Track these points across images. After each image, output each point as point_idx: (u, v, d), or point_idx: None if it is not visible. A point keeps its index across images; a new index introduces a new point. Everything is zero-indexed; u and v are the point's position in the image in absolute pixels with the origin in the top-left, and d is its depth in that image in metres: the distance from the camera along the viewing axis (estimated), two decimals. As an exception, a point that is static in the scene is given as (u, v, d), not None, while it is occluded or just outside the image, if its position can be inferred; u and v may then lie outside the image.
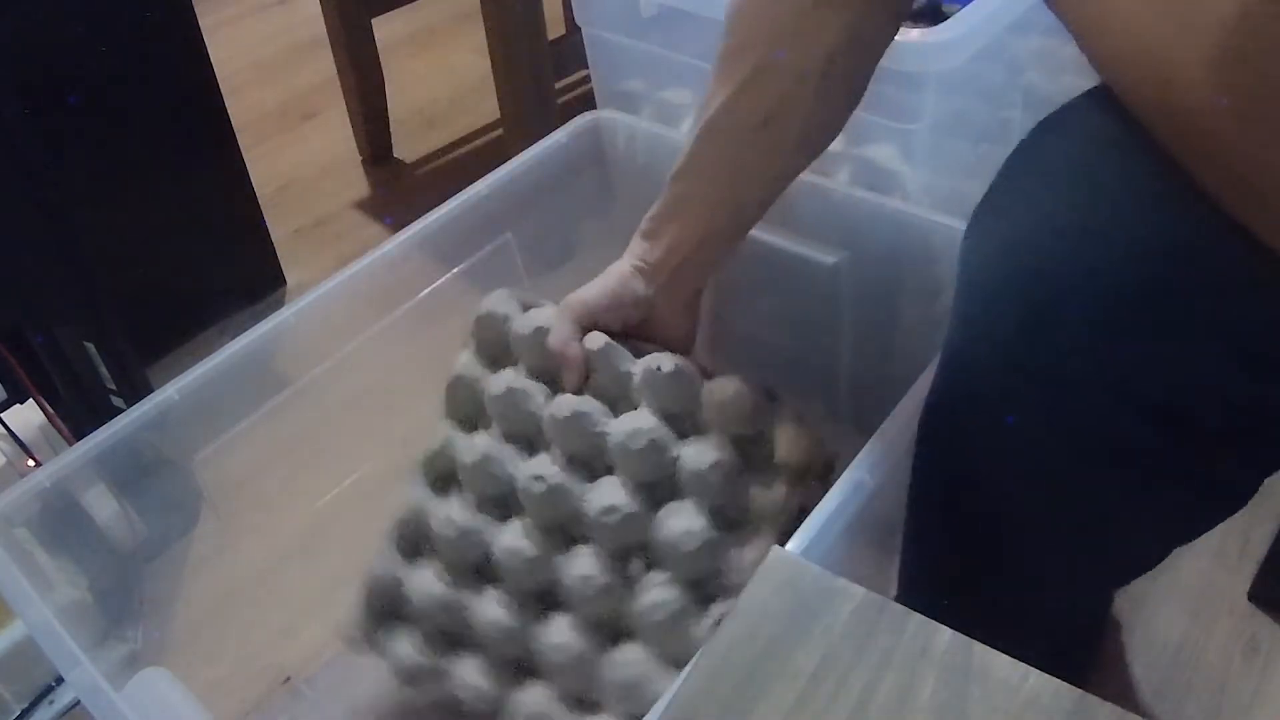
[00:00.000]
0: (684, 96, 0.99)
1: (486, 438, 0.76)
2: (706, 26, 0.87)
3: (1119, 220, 0.47)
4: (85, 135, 1.07)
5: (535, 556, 0.72)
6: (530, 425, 0.75)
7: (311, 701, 0.86)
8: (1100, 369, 0.47)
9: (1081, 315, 0.47)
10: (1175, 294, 0.46)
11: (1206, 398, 0.47)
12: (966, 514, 0.59)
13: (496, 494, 0.75)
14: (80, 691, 0.59)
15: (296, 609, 0.83)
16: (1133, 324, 0.46)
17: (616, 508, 0.69)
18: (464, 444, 0.77)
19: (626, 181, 0.98)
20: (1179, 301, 0.46)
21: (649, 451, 0.70)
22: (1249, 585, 0.85)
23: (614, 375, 0.72)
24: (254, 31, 1.96)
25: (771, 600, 0.43)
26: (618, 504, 0.69)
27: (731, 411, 0.69)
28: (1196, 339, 0.46)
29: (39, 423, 0.85)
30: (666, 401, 0.71)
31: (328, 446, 0.85)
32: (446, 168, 1.56)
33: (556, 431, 0.73)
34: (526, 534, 0.73)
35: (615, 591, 0.70)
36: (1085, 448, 0.50)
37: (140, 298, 1.06)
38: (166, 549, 0.80)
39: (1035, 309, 0.48)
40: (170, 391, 0.73)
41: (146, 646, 0.75)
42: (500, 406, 0.76)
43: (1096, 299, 0.47)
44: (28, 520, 0.69)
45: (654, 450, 0.70)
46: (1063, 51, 0.84)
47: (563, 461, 0.73)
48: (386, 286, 0.84)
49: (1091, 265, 0.47)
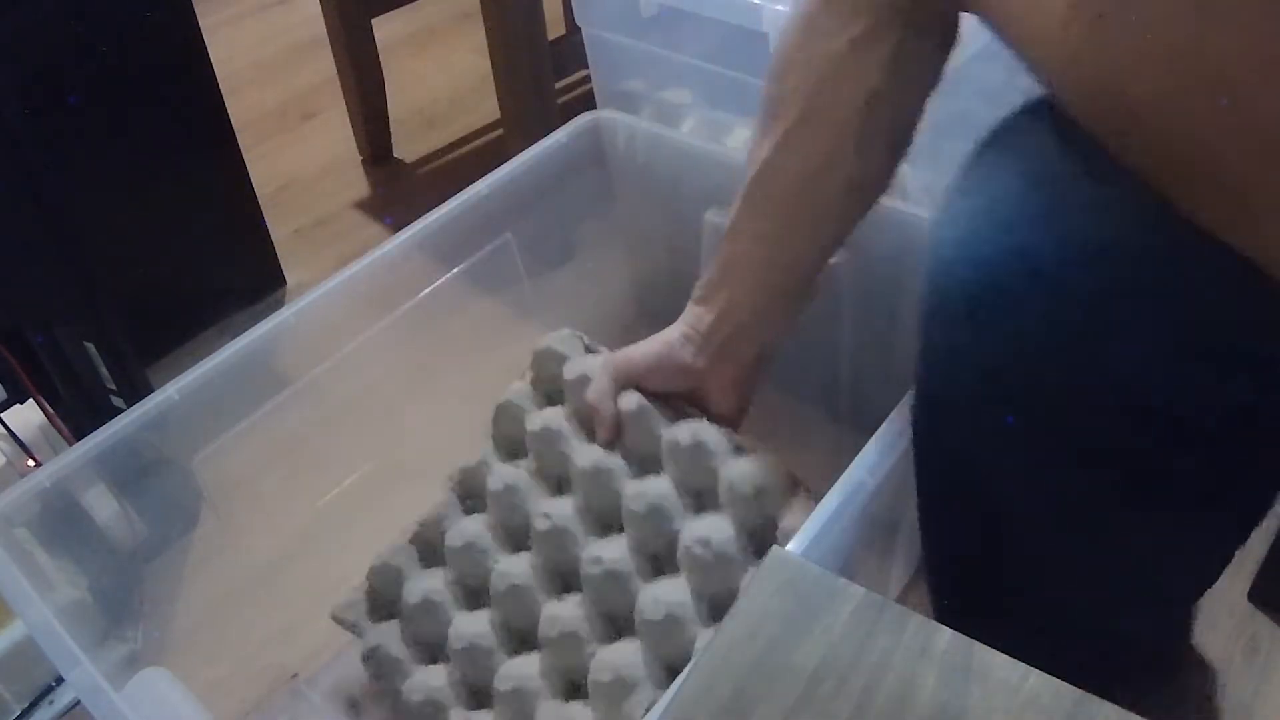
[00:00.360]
0: (684, 96, 0.99)
1: (516, 469, 0.78)
2: (706, 26, 0.87)
3: (1075, 221, 0.47)
4: (85, 135, 1.07)
5: (526, 589, 0.73)
6: (561, 466, 0.76)
7: (312, 702, 0.86)
8: (1071, 369, 0.48)
9: (1042, 316, 0.47)
10: (1130, 294, 0.46)
11: (1176, 396, 0.47)
12: (966, 506, 0.59)
13: (513, 525, 0.77)
14: (80, 691, 0.59)
15: (296, 609, 0.83)
16: (1091, 324, 0.47)
17: (601, 560, 0.70)
18: (496, 469, 0.78)
19: (626, 181, 0.98)
20: (1135, 301, 0.46)
21: (650, 517, 0.70)
22: (1249, 586, 0.85)
23: (647, 437, 0.72)
24: (254, 31, 1.96)
25: (771, 600, 0.43)
26: (604, 558, 0.70)
27: (739, 494, 0.68)
28: (1153, 337, 0.46)
29: (39, 423, 0.85)
30: (686, 472, 0.71)
31: (328, 446, 0.85)
32: (446, 168, 1.56)
33: (580, 479, 0.74)
34: (527, 566, 0.74)
35: (587, 645, 0.70)
36: (1057, 445, 0.51)
37: (140, 298, 1.06)
38: (166, 549, 0.80)
39: (992, 308, 0.49)
40: (170, 391, 0.73)
41: (146, 646, 0.75)
42: (536, 443, 0.77)
43: (1056, 299, 0.47)
44: (28, 520, 0.69)
45: (656, 517, 0.70)
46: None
47: (580, 508, 0.74)
48: (386, 286, 0.84)
49: (1047, 266, 0.47)
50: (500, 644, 0.74)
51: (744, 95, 0.91)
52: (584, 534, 0.73)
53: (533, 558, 0.74)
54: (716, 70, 0.91)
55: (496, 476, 0.77)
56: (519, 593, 0.73)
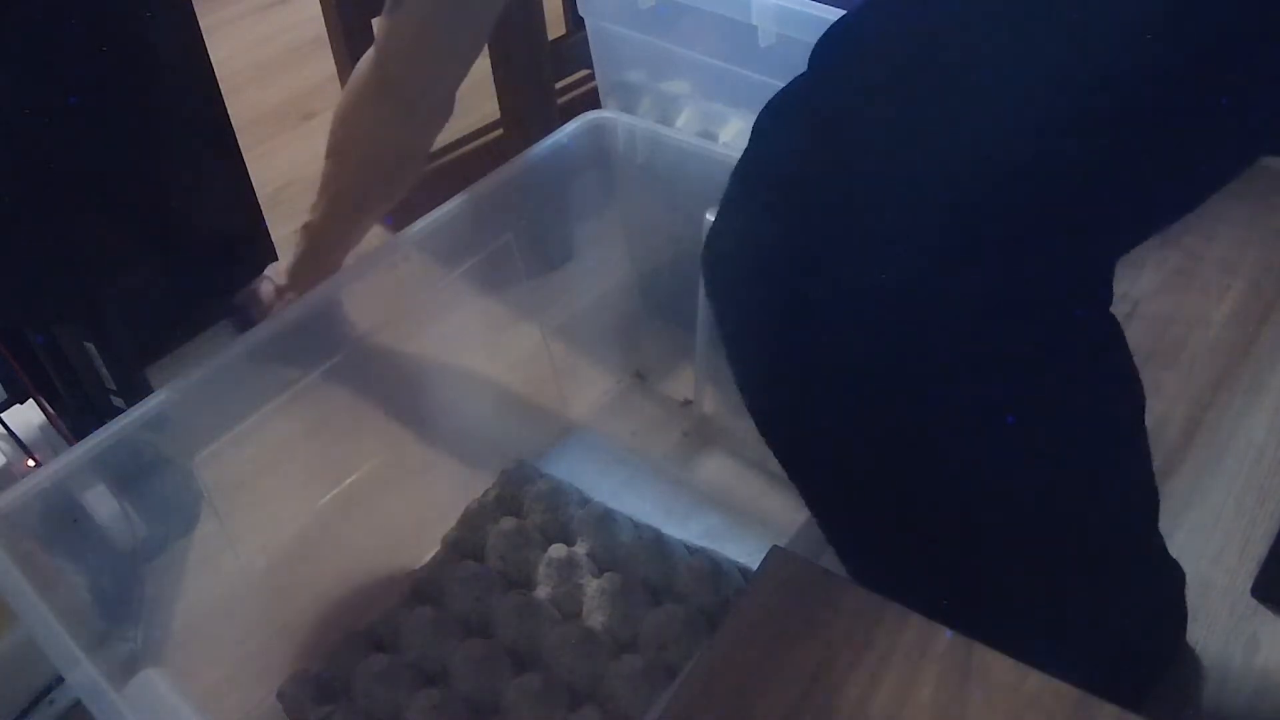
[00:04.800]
0: (682, 88, 0.99)
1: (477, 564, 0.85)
2: (704, 19, 0.88)
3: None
4: (85, 135, 1.07)
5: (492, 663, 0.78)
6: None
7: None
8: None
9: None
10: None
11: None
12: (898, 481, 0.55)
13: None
14: (80, 691, 0.59)
15: (296, 609, 0.83)
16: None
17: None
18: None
19: (626, 181, 0.98)
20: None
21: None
22: (1250, 585, 0.85)
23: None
24: (254, 31, 1.96)
25: (771, 600, 0.43)
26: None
27: (690, 584, 0.81)
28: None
29: (39, 423, 0.85)
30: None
31: (328, 446, 0.85)
32: (446, 168, 1.56)
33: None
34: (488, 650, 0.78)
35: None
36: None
37: (140, 298, 1.06)
38: (166, 549, 0.80)
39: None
40: (170, 391, 0.73)
41: (146, 647, 0.75)
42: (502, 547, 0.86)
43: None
44: (28, 520, 0.69)
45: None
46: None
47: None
48: (386, 286, 0.84)
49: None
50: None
51: (737, 87, 0.91)
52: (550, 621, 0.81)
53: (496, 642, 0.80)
54: (710, 62, 0.92)
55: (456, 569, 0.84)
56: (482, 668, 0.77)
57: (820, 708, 0.39)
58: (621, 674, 0.74)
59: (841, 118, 0.49)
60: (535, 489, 0.89)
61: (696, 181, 0.90)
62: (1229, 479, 0.94)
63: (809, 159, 0.49)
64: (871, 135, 0.47)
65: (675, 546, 0.85)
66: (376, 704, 0.76)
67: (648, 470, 0.98)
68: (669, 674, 0.75)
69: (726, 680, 0.40)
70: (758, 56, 0.85)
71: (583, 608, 0.82)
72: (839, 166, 0.48)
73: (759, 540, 0.88)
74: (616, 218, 1.02)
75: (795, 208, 0.49)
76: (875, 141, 0.47)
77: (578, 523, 0.87)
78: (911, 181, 0.46)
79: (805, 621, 0.41)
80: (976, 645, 0.40)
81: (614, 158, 0.96)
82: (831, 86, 0.50)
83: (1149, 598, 0.72)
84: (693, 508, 0.93)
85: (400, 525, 0.89)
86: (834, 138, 0.48)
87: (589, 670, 0.76)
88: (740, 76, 0.89)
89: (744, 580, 0.82)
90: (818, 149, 0.49)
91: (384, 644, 0.82)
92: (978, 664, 0.39)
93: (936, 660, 0.39)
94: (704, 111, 0.98)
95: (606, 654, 0.77)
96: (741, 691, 0.40)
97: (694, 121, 0.99)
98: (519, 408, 1.00)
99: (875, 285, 0.46)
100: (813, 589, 0.43)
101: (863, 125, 0.48)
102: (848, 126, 0.48)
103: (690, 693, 0.40)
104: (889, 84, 0.48)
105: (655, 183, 0.96)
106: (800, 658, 0.40)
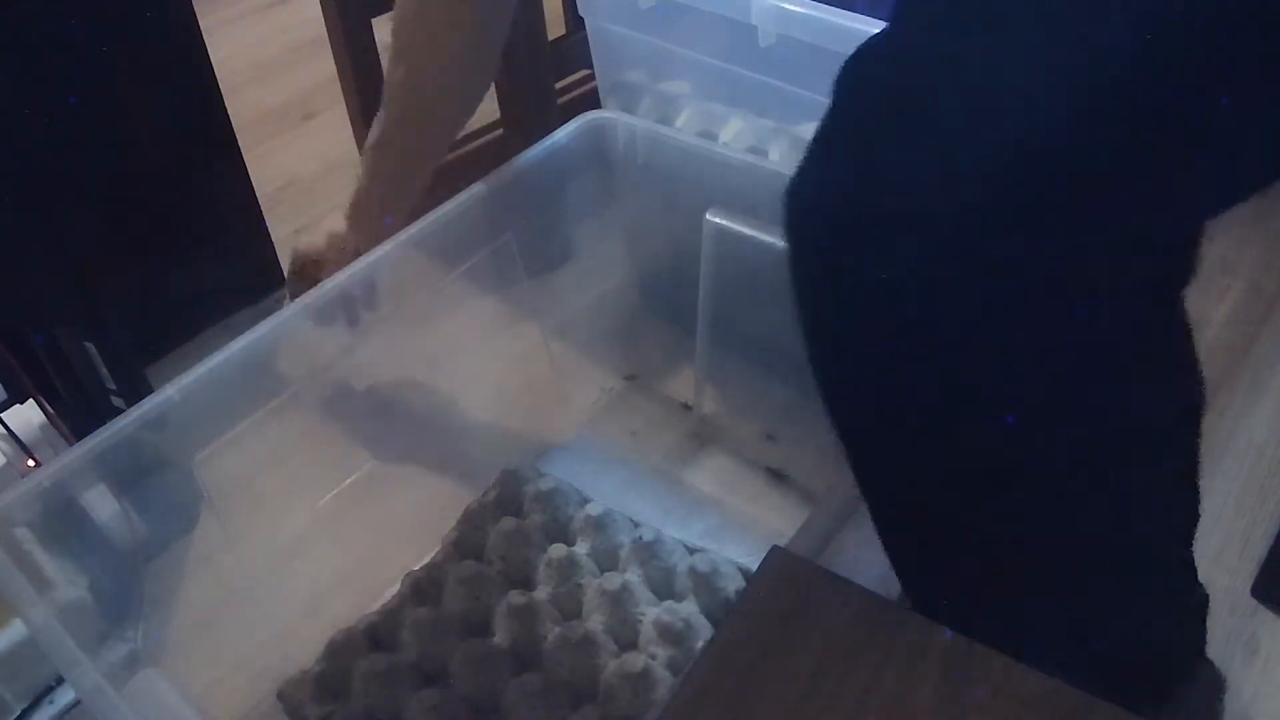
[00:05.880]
0: (682, 87, 0.99)
1: (477, 564, 0.85)
2: (704, 19, 0.88)
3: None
4: (85, 135, 1.07)
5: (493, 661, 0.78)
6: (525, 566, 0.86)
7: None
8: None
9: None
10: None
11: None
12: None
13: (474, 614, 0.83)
14: (80, 691, 0.59)
15: (296, 609, 0.83)
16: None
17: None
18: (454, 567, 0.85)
19: (626, 181, 0.98)
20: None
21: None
22: (1250, 585, 0.85)
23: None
24: (254, 31, 1.96)
25: (771, 600, 0.43)
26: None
27: (690, 584, 0.81)
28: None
29: (39, 423, 0.85)
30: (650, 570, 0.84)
31: (328, 446, 0.85)
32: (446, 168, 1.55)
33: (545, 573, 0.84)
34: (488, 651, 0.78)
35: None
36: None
37: (140, 298, 1.06)
38: (166, 549, 0.80)
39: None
40: (170, 391, 0.73)
41: (146, 646, 0.75)
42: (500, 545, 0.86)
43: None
44: (28, 520, 0.69)
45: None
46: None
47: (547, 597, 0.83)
48: (386, 287, 0.84)
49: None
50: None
51: (737, 87, 0.91)
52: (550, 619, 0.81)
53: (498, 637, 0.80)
54: (710, 62, 0.92)
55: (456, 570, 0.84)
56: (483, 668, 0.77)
57: (820, 708, 0.39)
58: (621, 674, 0.74)
59: (924, 56, 0.48)
60: (535, 489, 0.89)
61: (696, 182, 0.90)
62: (1229, 479, 0.94)
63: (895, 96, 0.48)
64: (953, 78, 0.46)
65: (675, 546, 0.85)
66: (376, 704, 0.76)
67: (647, 471, 0.98)
68: (669, 674, 0.75)
69: (726, 680, 0.40)
70: (758, 56, 0.85)
71: (582, 608, 0.82)
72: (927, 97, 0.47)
73: (759, 540, 0.88)
74: (616, 218, 1.02)
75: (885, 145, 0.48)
76: (957, 81, 0.45)
77: (577, 523, 0.87)
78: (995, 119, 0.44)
79: (805, 621, 0.41)
80: (977, 645, 0.40)
81: (614, 158, 0.96)
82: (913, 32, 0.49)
83: (1167, 615, 0.69)
84: (693, 508, 0.93)
85: (400, 525, 0.89)
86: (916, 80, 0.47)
87: (589, 670, 0.76)
88: (740, 76, 0.89)
89: (744, 580, 0.82)
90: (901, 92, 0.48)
91: (384, 644, 0.82)
92: (978, 664, 0.39)
93: (936, 660, 0.39)
94: (704, 111, 0.98)
95: (606, 654, 0.77)
96: (741, 691, 0.40)
97: (694, 121, 0.99)
98: (519, 408, 1.00)
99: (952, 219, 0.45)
100: (813, 589, 0.43)
101: (943, 67, 0.47)
102: (928, 69, 0.47)
103: (690, 693, 0.40)
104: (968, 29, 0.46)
105: (655, 183, 0.96)
106: (800, 658, 0.40)
